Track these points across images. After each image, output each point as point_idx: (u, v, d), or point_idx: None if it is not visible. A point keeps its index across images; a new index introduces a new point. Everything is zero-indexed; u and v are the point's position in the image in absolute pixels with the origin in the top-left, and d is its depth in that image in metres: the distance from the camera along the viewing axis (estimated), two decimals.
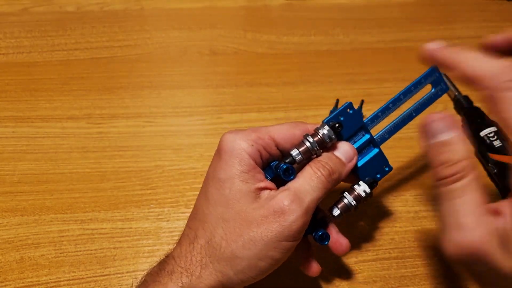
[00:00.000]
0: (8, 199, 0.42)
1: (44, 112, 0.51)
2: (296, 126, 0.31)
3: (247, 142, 0.29)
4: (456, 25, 0.65)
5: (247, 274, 0.27)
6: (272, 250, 0.27)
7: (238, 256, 0.27)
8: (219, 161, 0.29)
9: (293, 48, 0.61)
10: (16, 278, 0.37)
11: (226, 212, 0.28)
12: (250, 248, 0.27)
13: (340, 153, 0.31)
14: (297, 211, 0.27)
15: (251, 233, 0.27)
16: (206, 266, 0.28)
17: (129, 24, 0.63)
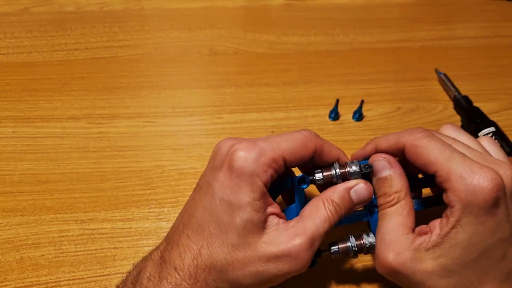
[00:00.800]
0: (8, 199, 0.42)
1: (44, 112, 0.51)
2: (307, 144, 0.30)
3: (262, 168, 0.28)
4: (456, 25, 0.65)
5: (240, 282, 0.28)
6: (274, 281, 0.28)
7: (242, 283, 0.28)
8: (230, 182, 0.28)
9: (293, 48, 0.61)
10: (16, 278, 0.37)
11: (235, 240, 0.28)
12: (255, 280, 0.27)
13: (355, 193, 0.30)
14: (308, 254, 0.28)
15: (260, 268, 0.27)
16: (210, 285, 0.28)
17: (129, 24, 0.63)
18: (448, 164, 0.27)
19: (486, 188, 0.25)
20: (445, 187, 0.27)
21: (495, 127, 0.46)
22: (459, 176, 0.26)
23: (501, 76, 0.57)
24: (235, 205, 0.28)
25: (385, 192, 0.30)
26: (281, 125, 0.50)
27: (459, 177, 0.26)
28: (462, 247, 0.26)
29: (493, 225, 0.26)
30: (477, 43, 0.62)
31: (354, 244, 0.31)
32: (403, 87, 0.55)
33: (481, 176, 0.26)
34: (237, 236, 0.28)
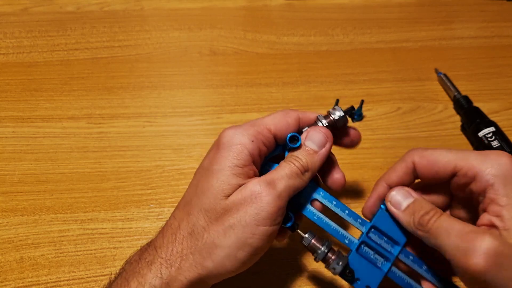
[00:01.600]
0: (8, 199, 0.42)
1: (44, 112, 0.51)
2: (287, 114, 0.32)
3: (248, 137, 0.29)
4: (456, 25, 0.65)
5: (226, 266, 0.27)
6: (250, 237, 0.27)
7: (217, 245, 0.27)
8: (216, 154, 0.30)
9: (293, 48, 0.61)
10: (16, 278, 0.37)
11: (210, 202, 0.28)
12: (229, 235, 0.27)
13: (312, 142, 0.31)
14: (270, 195, 0.28)
15: (230, 220, 0.28)
16: (187, 257, 0.28)
17: (129, 24, 0.63)
18: (464, 156, 0.28)
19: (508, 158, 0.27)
20: (470, 176, 0.27)
21: (495, 127, 0.46)
22: (481, 160, 0.27)
23: (501, 76, 0.57)
24: (215, 170, 0.29)
25: (425, 210, 0.29)
26: None
27: (481, 161, 0.27)
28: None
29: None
30: (477, 43, 0.62)
31: (324, 252, 0.30)
32: (403, 87, 0.55)
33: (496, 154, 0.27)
34: (213, 199, 0.28)
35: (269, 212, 0.27)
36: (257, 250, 0.28)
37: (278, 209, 0.28)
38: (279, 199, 0.28)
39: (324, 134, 0.31)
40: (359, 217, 0.32)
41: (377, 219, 0.31)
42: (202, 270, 0.27)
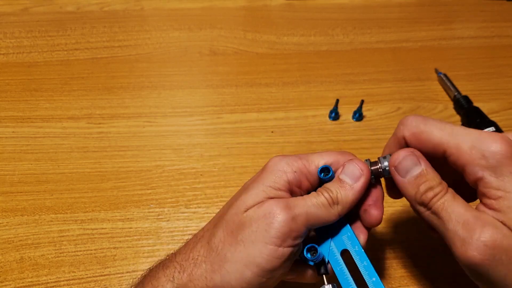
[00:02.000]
0: (8, 199, 0.42)
1: (44, 112, 0.51)
2: (341, 154, 0.31)
3: (291, 167, 0.29)
4: (456, 25, 0.65)
5: (231, 283, 0.27)
6: (258, 255, 0.26)
7: (228, 258, 0.27)
8: (257, 175, 0.30)
9: (293, 48, 0.61)
10: (16, 278, 0.37)
11: (231, 214, 0.28)
12: (239, 250, 0.27)
13: (345, 175, 0.30)
14: (284, 215, 0.27)
15: (241, 234, 0.27)
16: (200, 265, 0.27)
17: (129, 24, 0.63)
18: (455, 139, 0.26)
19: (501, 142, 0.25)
20: (460, 166, 0.26)
21: (495, 127, 0.46)
22: (471, 148, 0.25)
23: (501, 76, 0.57)
24: (249, 187, 0.29)
25: (430, 185, 0.27)
26: (281, 125, 0.50)
27: (470, 148, 0.25)
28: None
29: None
30: (477, 43, 0.62)
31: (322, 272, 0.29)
32: (403, 87, 0.55)
33: (488, 139, 0.25)
34: (235, 211, 0.28)
35: (279, 230, 0.26)
36: (264, 272, 0.27)
37: (290, 231, 0.27)
38: (293, 221, 0.27)
39: (359, 168, 0.30)
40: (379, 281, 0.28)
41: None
42: (210, 282, 0.27)
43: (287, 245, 0.27)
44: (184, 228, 0.41)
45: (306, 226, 0.28)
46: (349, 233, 0.30)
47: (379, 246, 0.40)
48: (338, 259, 0.29)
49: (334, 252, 0.30)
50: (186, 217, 0.42)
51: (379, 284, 0.28)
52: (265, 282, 0.27)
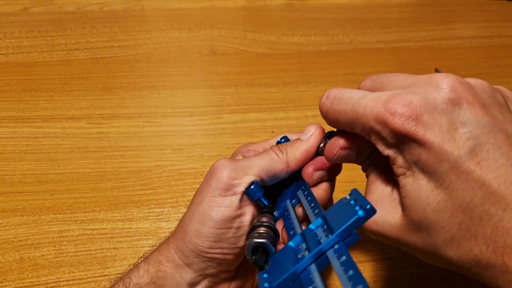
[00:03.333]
0: (8, 199, 0.42)
1: (44, 112, 0.51)
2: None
3: (246, 147, 0.33)
4: (456, 25, 0.65)
5: (194, 243, 0.28)
6: (209, 209, 0.28)
7: (185, 223, 0.28)
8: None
9: (293, 48, 0.61)
10: (16, 278, 0.37)
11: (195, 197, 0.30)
12: (193, 211, 0.28)
13: (302, 134, 0.31)
14: (227, 167, 0.28)
15: (195, 198, 0.29)
16: (167, 240, 0.30)
17: (129, 24, 0.63)
18: (359, 114, 0.23)
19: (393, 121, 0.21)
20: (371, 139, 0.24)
21: None
22: (372, 120, 0.22)
23: (501, 76, 0.57)
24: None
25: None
26: (281, 125, 0.50)
27: (372, 121, 0.22)
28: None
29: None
30: (477, 43, 0.62)
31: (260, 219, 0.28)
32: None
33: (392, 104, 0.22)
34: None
35: (219, 181, 0.28)
36: (219, 223, 0.28)
37: (230, 179, 0.28)
38: (234, 171, 0.28)
39: (314, 126, 0.31)
40: (320, 209, 0.26)
41: (332, 209, 0.24)
42: (177, 249, 0.29)
43: (232, 193, 0.28)
44: None
45: (249, 174, 0.28)
46: (304, 186, 0.30)
47: (379, 246, 0.40)
48: (288, 208, 0.30)
49: (286, 205, 0.30)
50: None
51: (317, 206, 0.26)
52: (225, 232, 0.28)
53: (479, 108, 0.22)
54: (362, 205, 0.21)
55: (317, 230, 0.24)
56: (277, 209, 0.31)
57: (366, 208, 0.21)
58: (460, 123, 0.21)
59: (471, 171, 0.20)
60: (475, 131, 0.21)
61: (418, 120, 0.21)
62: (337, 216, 0.23)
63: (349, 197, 0.23)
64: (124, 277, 0.29)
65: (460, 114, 0.21)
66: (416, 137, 0.21)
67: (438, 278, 0.38)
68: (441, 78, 0.22)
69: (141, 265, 0.29)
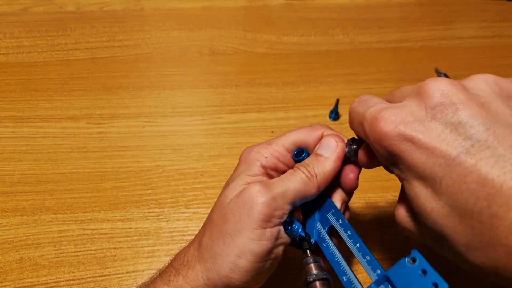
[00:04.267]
0: (8, 199, 0.42)
1: (44, 112, 0.51)
2: (309, 132, 0.31)
3: (261, 154, 0.30)
4: (456, 25, 0.65)
5: (230, 277, 0.26)
6: (248, 242, 0.26)
7: (218, 254, 0.27)
8: (233, 171, 0.31)
9: (293, 48, 0.61)
10: (16, 278, 0.37)
11: (215, 210, 0.29)
12: (228, 243, 0.27)
13: (321, 148, 0.30)
14: (264, 196, 0.27)
15: (227, 226, 0.27)
16: (194, 266, 0.27)
17: (129, 24, 0.63)
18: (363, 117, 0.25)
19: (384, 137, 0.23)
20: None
21: None
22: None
23: (502, 76, 0.57)
24: (228, 182, 0.30)
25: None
26: (281, 125, 0.50)
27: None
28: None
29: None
30: (477, 43, 0.62)
31: (310, 280, 0.27)
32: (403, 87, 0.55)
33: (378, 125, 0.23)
34: (219, 206, 0.29)
35: (261, 212, 0.26)
36: (258, 257, 0.26)
37: (272, 210, 0.27)
38: (273, 201, 0.27)
39: (334, 140, 0.30)
40: (373, 258, 0.26)
41: (394, 270, 0.24)
42: (208, 281, 0.27)
43: (273, 225, 0.27)
44: (184, 228, 0.41)
45: (287, 202, 0.28)
46: (333, 209, 0.30)
47: (379, 247, 0.40)
48: (324, 236, 0.29)
49: (320, 231, 0.30)
50: (186, 218, 0.41)
51: (364, 249, 0.27)
52: (263, 265, 0.27)
53: (475, 107, 0.21)
54: (438, 284, 0.21)
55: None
56: (308, 231, 0.30)
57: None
58: (453, 125, 0.21)
59: (468, 172, 0.20)
60: (470, 131, 0.21)
61: (402, 136, 0.22)
62: (407, 285, 0.22)
63: (413, 262, 0.22)
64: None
65: (454, 116, 0.21)
66: (402, 154, 0.22)
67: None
68: (429, 84, 0.23)
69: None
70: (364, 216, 0.42)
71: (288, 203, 0.28)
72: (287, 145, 0.31)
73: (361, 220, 0.42)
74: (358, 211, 0.43)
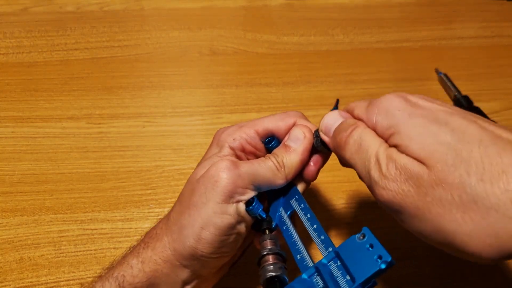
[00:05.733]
0: (8, 199, 0.42)
1: (44, 112, 0.51)
2: (282, 119, 0.32)
3: (231, 136, 0.31)
4: (456, 25, 0.65)
5: (194, 248, 0.27)
6: (212, 216, 0.27)
7: (184, 225, 0.28)
8: (205, 152, 0.32)
9: (293, 48, 0.61)
10: (16, 278, 0.37)
11: (185, 185, 0.30)
12: (193, 214, 0.27)
13: (290, 140, 0.31)
14: (231, 171, 0.28)
15: (193, 199, 0.28)
16: (161, 238, 0.29)
17: (129, 24, 0.63)
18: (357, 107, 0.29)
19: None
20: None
21: None
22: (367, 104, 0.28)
23: (501, 76, 0.57)
24: (200, 162, 0.31)
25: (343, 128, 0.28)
26: None
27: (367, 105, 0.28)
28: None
29: None
30: (477, 43, 0.62)
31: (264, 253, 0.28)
32: (403, 87, 0.55)
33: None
34: (188, 182, 0.30)
35: (226, 187, 0.27)
36: (221, 230, 0.27)
37: (235, 186, 0.28)
38: (239, 178, 0.28)
39: (302, 131, 0.31)
40: (327, 238, 0.27)
41: (344, 246, 0.24)
42: (174, 251, 0.28)
43: (236, 200, 0.28)
44: None
45: (252, 183, 0.29)
46: (297, 195, 0.31)
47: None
48: (285, 220, 0.30)
49: (282, 215, 0.30)
50: None
51: (321, 230, 0.27)
52: (227, 239, 0.28)
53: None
54: (383, 256, 0.22)
55: (330, 266, 0.25)
56: (271, 215, 0.31)
57: (387, 261, 0.21)
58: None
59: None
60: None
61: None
62: (354, 259, 0.23)
63: (362, 238, 0.23)
64: (113, 273, 0.28)
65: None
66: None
67: (439, 277, 0.38)
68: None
69: (133, 263, 0.28)
70: (364, 216, 0.42)
71: (253, 184, 0.29)
72: (259, 130, 0.32)
73: (360, 220, 0.42)
74: (358, 211, 0.43)
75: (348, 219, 0.42)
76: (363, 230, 0.24)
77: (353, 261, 0.23)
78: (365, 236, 0.23)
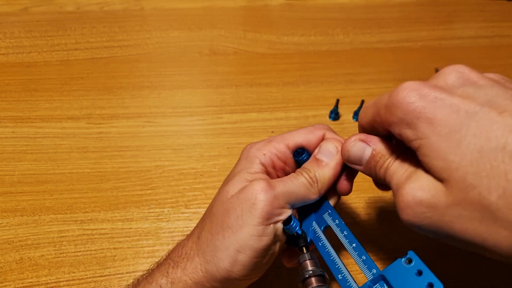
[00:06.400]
0: (8, 199, 0.42)
1: (44, 112, 0.51)
2: (311, 132, 0.32)
3: (261, 151, 0.31)
4: (456, 25, 0.65)
5: (229, 271, 0.27)
6: (249, 239, 0.27)
7: (218, 247, 0.27)
8: (233, 168, 0.31)
9: (293, 48, 0.61)
10: (16, 278, 0.37)
11: (216, 204, 0.29)
12: (228, 236, 0.27)
13: (321, 153, 0.31)
14: (267, 193, 0.27)
15: (228, 221, 0.27)
16: (192, 259, 0.28)
17: (129, 24, 0.63)
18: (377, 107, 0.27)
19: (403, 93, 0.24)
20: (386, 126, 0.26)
21: None
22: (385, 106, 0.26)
23: (502, 76, 0.57)
24: (228, 178, 0.31)
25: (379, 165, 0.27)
26: (281, 125, 0.50)
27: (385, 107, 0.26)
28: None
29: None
30: (477, 43, 0.62)
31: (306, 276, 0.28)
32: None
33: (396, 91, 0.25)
34: (219, 200, 0.29)
35: (263, 210, 0.27)
36: (258, 252, 0.27)
37: (273, 208, 0.27)
38: (275, 199, 0.27)
39: (334, 145, 0.30)
40: (369, 258, 0.26)
41: (390, 270, 0.24)
42: (206, 273, 0.27)
43: (273, 222, 0.28)
44: (184, 228, 0.41)
45: (288, 202, 0.28)
46: (329, 210, 0.30)
47: (379, 247, 0.40)
48: (320, 235, 0.30)
49: (316, 230, 0.30)
50: (186, 218, 0.42)
51: (361, 250, 0.27)
52: (261, 261, 0.28)
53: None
54: (434, 284, 0.21)
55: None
56: (305, 230, 0.30)
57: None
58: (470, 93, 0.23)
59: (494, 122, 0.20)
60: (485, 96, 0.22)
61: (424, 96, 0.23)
62: (402, 284, 0.23)
63: (409, 263, 0.23)
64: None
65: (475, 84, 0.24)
66: (423, 110, 0.23)
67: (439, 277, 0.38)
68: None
69: (162, 283, 0.27)
70: (364, 216, 0.42)
71: (288, 203, 0.28)
72: (290, 144, 0.31)
73: (360, 220, 0.42)
74: (358, 211, 0.43)
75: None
76: (409, 254, 0.23)
77: (401, 286, 0.23)
78: (412, 261, 0.23)
